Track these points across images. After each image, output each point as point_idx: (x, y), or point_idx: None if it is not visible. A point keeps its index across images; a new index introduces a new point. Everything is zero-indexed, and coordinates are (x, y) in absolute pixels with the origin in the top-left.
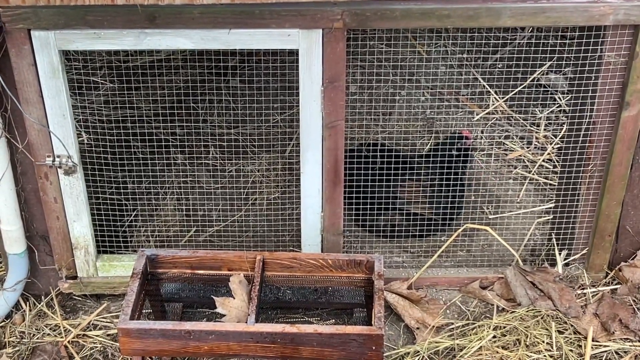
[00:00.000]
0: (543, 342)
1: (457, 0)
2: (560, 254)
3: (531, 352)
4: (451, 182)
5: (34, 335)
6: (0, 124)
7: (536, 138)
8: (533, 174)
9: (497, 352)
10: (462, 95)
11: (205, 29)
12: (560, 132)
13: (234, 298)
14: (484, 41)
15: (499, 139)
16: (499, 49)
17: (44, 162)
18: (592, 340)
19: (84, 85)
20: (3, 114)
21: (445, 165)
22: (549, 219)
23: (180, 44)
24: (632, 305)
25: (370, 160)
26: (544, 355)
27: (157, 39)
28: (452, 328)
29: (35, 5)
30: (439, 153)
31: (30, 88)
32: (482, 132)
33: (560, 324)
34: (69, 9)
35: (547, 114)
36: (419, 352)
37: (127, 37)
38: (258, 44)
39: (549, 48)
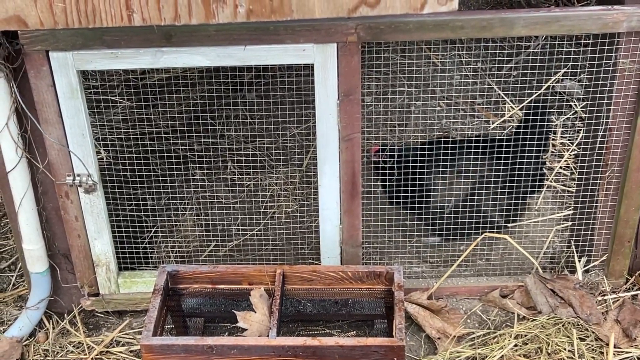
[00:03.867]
0: (565, 349)
1: (470, 12)
2: (579, 260)
3: None
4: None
5: (57, 353)
6: (20, 144)
7: (553, 145)
8: (550, 181)
9: None
10: (478, 105)
11: (221, 46)
12: (576, 139)
13: (255, 312)
14: (498, 50)
15: None
16: (513, 58)
17: (64, 181)
18: (614, 347)
19: (102, 103)
20: (23, 135)
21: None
22: (567, 226)
23: (197, 62)
24: None
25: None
26: None
27: (174, 57)
28: (473, 337)
29: (53, 28)
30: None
31: (49, 108)
32: None
33: (581, 331)
34: (87, 30)
35: (563, 121)
36: None
37: (144, 56)
38: (273, 60)
39: (563, 55)
